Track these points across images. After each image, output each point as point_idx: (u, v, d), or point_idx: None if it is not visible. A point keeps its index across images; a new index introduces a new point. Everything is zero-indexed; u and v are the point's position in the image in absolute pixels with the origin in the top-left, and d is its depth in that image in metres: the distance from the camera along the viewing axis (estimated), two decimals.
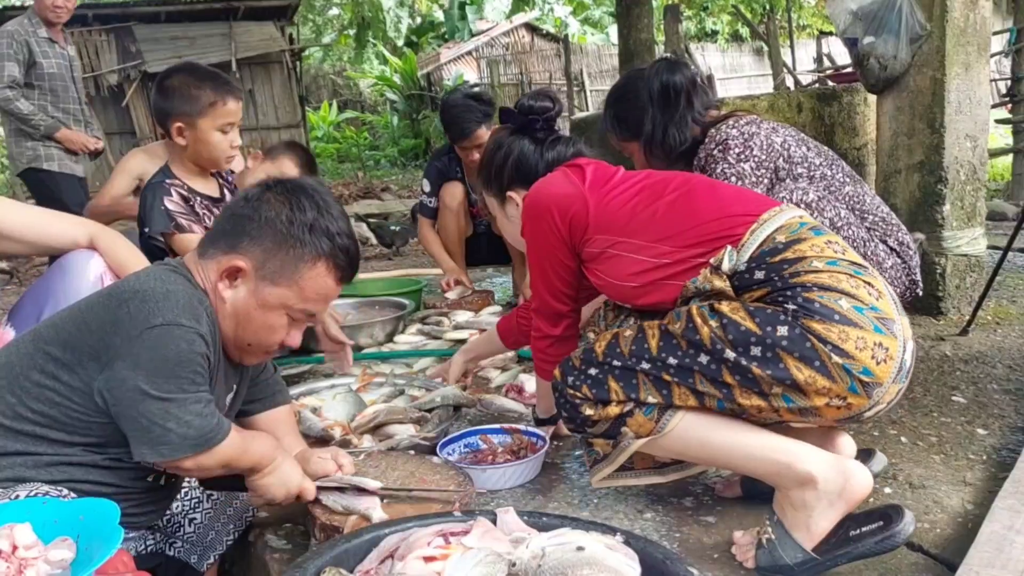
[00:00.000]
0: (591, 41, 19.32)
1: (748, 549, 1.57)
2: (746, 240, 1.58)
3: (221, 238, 1.55)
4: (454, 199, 3.99)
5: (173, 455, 1.40)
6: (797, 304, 1.47)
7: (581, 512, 1.81)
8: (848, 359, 1.43)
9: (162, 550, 1.65)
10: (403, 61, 17.90)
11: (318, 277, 1.54)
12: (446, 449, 2.06)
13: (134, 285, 1.47)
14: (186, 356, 1.39)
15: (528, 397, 2.60)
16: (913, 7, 2.94)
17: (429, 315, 3.71)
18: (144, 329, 1.37)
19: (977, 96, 3.10)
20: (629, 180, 1.83)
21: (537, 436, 2.10)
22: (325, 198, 1.58)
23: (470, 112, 3.77)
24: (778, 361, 1.46)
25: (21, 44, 4.40)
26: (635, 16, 7.26)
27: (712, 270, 1.57)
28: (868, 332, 1.44)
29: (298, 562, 1.32)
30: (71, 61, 4.68)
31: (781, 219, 1.61)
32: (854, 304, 1.46)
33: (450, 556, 1.26)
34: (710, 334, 1.51)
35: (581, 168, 1.89)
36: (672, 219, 1.68)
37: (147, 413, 1.37)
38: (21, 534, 1.09)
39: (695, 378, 1.53)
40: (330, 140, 17.54)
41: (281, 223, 1.52)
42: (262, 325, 1.55)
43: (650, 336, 1.59)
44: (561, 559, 1.22)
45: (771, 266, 1.54)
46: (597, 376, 1.63)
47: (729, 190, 1.78)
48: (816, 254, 1.53)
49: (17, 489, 1.34)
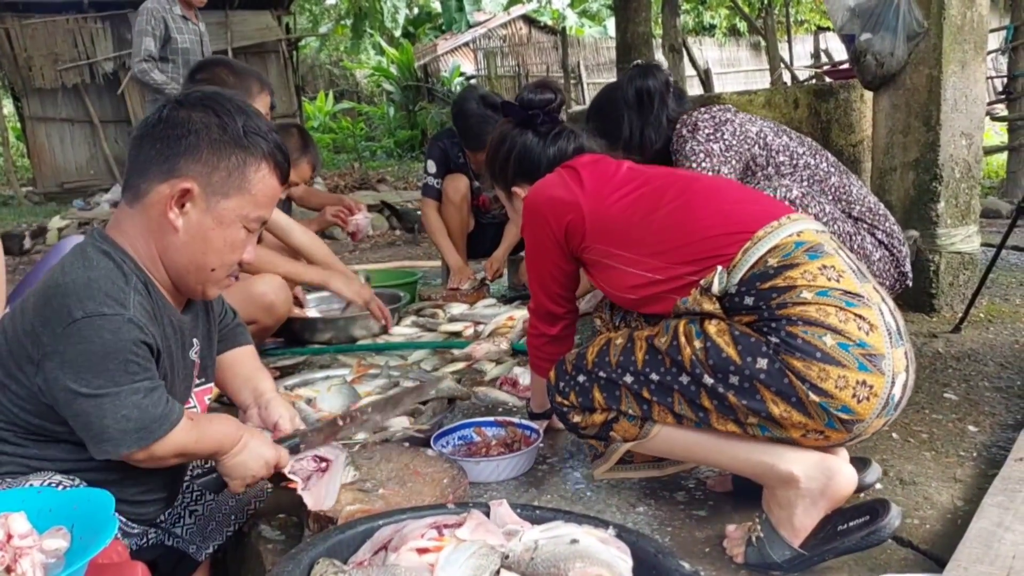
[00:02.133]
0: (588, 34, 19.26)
1: (738, 544, 1.57)
2: (738, 260, 1.54)
3: (151, 167, 1.45)
4: (457, 192, 3.98)
5: (117, 450, 1.35)
6: (780, 338, 1.44)
7: (574, 505, 1.82)
8: (826, 397, 1.41)
9: (161, 541, 1.64)
10: (400, 52, 17.84)
11: (265, 179, 1.49)
12: (440, 441, 2.07)
13: (57, 278, 1.40)
14: (112, 347, 1.33)
15: (522, 390, 2.60)
16: (911, 4, 2.94)
17: (424, 307, 3.72)
18: (66, 325, 1.32)
19: (973, 94, 3.11)
20: (629, 184, 1.79)
21: (530, 429, 2.10)
22: (240, 100, 1.53)
23: (488, 123, 3.76)
24: (755, 393, 1.45)
25: (159, 20, 4.69)
26: (633, 9, 7.25)
27: (702, 291, 1.54)
28: (851, 370, 1.40)
29: (292, 553, 1.32)
30: (202, 37, 4.95)
31: (776, 237, 1.54)
32: (839, 340, 1.41)
33: (443, 548, 1.27)
34: (691, 356, 1.50)
35: (579, 170, 1.86)
36: (667, 233, 1.65)
37: (81, 412, 1.33)
38: (16, 523, 1.09)
39: (674, 398, 1.53)
40: (326, 130, 17.48)
41: (214, 132, 1.44)
42: (224, 243, 1.48)
43: (637, 348, 1.59)
44: (554, 552, 1.23)
45: (760, 292, 1.49)
46: (584, 384, 1.65)
47: (729, 195, 1.71)
48: (807, 283, 1.47)
49: (30, 477, 1.35)
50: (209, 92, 1.52)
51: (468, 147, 3.91)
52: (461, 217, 4.06)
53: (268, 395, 1.77)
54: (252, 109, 1.52)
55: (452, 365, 2.92)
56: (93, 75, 11.28)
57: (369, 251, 6.34)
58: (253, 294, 2.71)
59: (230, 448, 1.52)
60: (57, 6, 11.42)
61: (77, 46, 11.25)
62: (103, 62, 11.29)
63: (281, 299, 2.81)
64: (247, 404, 1.77)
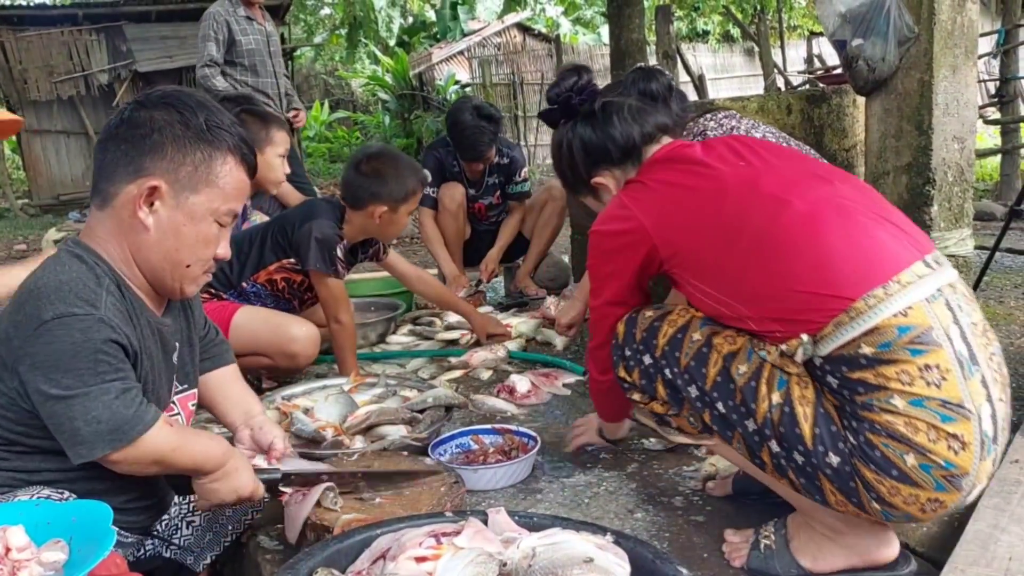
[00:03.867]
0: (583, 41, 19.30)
1: (739, 548, 1.57)
2: (827, 333, 1.34)
3: (118, 170, 1.45)
4: (453, 201, 3.99)
5: (92, 453, 1.34)
6: (858, 441, 1.32)
7: (572, 512, 1.82)
8: (889, 507, 1.33)
9: (159, 552, 1.64)
10: (395, 61, 17.85)
11: (232, 172, 1.50)
12: (438, 450, 2.07)
13: (31, 284, 1.40)
14: (82, 346, 1.32)
15: (519, 398, 2.61)
16: (901, 10, 2.96)
17: (421, 315, 3.72)
18: (36, 327, 1.32)
19: (964, 98, 3.12)
20: (704, 191, 1.54)
21: (528, 436, 2.10)
22: (201, 95, 1.53)
23: (483, 134, 3.81)
24: (816, 479, 1.37)
25: (221, 24, 4.71)
26: (626, 16, 7.26)
27: (782, 354, 1.39)
28: (926, 491, 1.30)
29: (290, 563, 1.32)
30: (268, 36, 4.93)
31: (877, 316, 1.30)
32: (923, 462, 1.28)
33: (441, 556, 1.27)
34: (766, 412, 1.39)
35: (646, 184, 1.64)
36: (752, 275, 1.43)
37: (53, 414, 1.33)
38: (14, 536, 1.09)
39: (735, 435, 1.46)
40: (322, 140, 17.49)
41: (176, 129, 1.45)
42: (196, 239, 1.49)
43: (711, 362, 1.46)
44: (552, 559, 1.23)
45: (846, 380, 1.33)
46: (649, 370, 1.56)
47: (828, 234, 1.39)
48: (901, 387, 1.28)
49: (17, 492, 1.35)
50: (169, 90, 1.53)
51: (464, 158, 3.93)
52: (457, 225, 4.07)
53: (259, 418, 1.78)
54: (213, 104, 1.53)
55: (449, 373, 2.92)
56: (88, 87, 11.30)
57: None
58: (281, 335, 2.63)
59: (212, 470, 1.50)
60: (52, 19, 11.46)
61: (72, 58, 11.26)
62: (98, 74, 11.29)
63: (308, 353, 2.69)
64: (236, 425, 1.78)
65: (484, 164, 3.98)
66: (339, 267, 2.76)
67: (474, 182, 4.07)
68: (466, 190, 4.05)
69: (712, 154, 1.60)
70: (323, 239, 2.70)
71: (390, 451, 2.01)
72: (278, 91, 4.95)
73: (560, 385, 2.73)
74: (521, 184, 4.12)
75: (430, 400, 2.32)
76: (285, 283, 2.87)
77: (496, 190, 4.13)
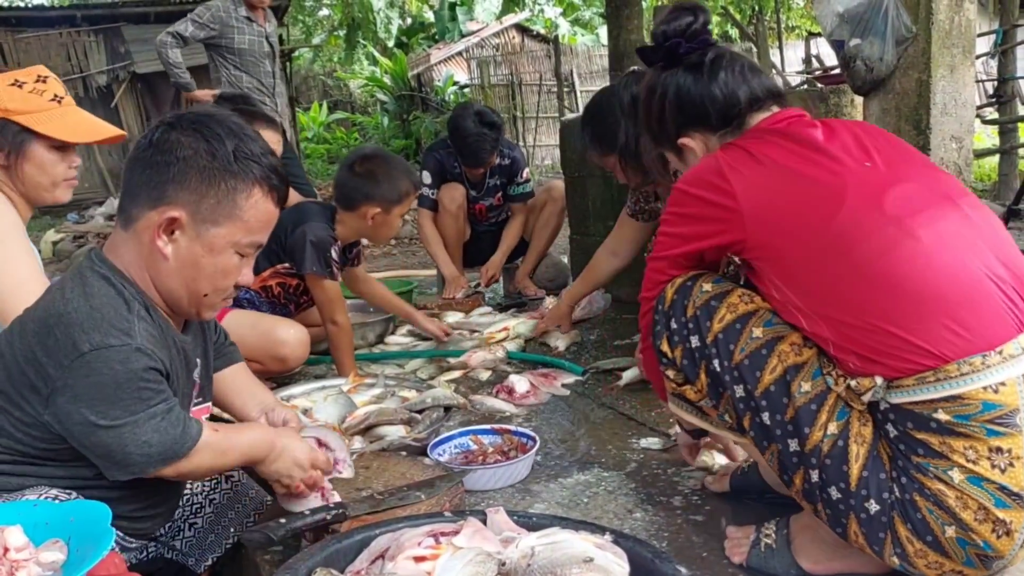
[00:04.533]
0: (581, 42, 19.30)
1: (740, 544, 1.56)
2: (906, 384, 1.25)
3: (141, 193, 1.43)
4: (453, 202, 3.99)
5: (145, 471, 1.37)
6: (903, 498, 1.26)
7: (570, 512, 1.82)
8: (908, 565, 1.28)
9: (161, 554, 1.64)
10: (393, 62, 17.87)
11: (258, 205, 1.46)
12: (437, 450, 2.07)
13: (58, 307, 1.38)
14: (124, 378, 1.32)
15: (518, 398, 2.61)
16: (899, 10, 2.96)
17: None
18: (75, 359, 1.31)
19: (962, 98, 3.13)
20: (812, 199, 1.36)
21: (527, 437, 2.10)
22: (236, 121, 1.48)
23: (485, 141, 3.81)
24: (843, 517, 1.31)
25: (214, 18, 4.69)
26: (625, 17, 7.27)
27: (848, 388, 1.30)
28: (954, 563, 1.25)
29: (289, 563, 1.32)
30: (267, 37, 4.91)
31: (967, 384, 1.21)
32: (961, 537, 1.23)
33: (440, 556, 1.27)
34: (818, 441, 1.30)
35: (752, 153, 1.44)
36: (844, 304, 1.30)
37: (101, 443, 1.34)
38: (12, 536, 1.09)
39: (771, 450, 1.38)
40: (320, 141, 17.50)
41: (203, 159, 1.41)
42: (215, 270, 1.46)
43: (768, 368, 1.35)
44: (551, 558, 1.23)
45: (906, 436, 1.26)
46: (694, 353, 1.45)
47: (953, 285, 1.26)
48: (964, 462, 1.21)
49: (26, 492, 1.35)
50: (202, 114, 1.49)
51: (466, 164, 3.94)
52: (458, 226, 4.07)
53: (272, 404, 1.81)
54: (246, 131, 1.48)
55: (448, 373, 2.92)
56: (87, 88, 11.30)
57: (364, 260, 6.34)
58: (270, 339, 2.63)
59: (263, 456, 1.53)
60: (50, 20, 11.46)
61: (70, 60, 11.27)
62: (96, 75, 11.31)
63: (297, 355, 2.69)
64: (254, 417, 1.79)
65: (486, 168, 3.99)
66: (334, 269, 2.76)
67: (475, 183, 4.07)
68: (467, 191, 4.05)
69: (835, 142, 1.42)
70: (318, 242, 2.70)
71: (389, 452, 2.01)
72: (267, 91, 4.93)
73: (559, 385, 2.73)
74: (523, 185, 4.12)
75: (429, 400, 2.32)
76: (280, 288, 2.87)
77: (497, 191, 4.13)
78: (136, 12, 11.39)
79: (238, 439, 1.52)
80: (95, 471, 1.41)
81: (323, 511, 1.55)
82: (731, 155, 1.46)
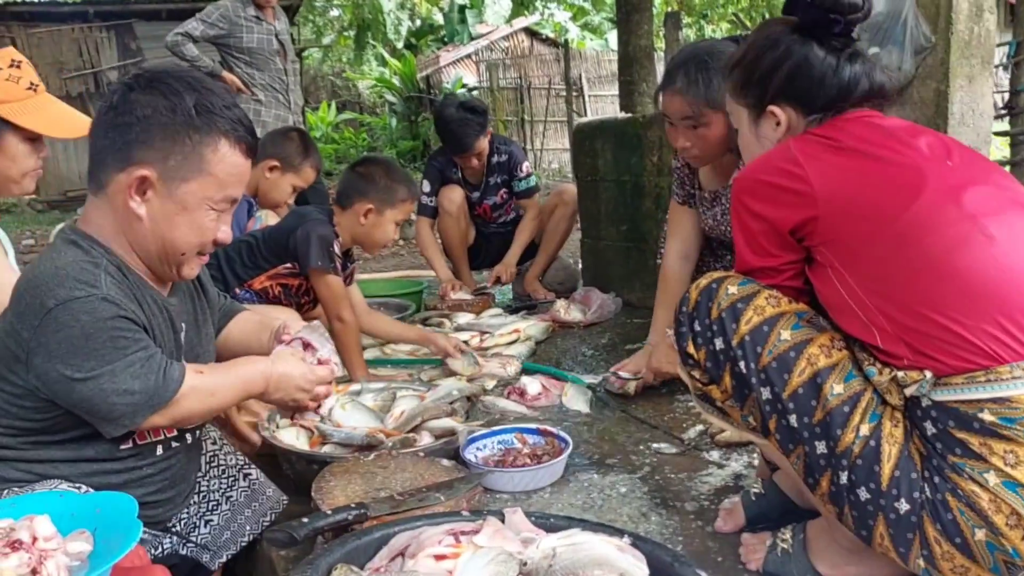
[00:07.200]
0: (590, 47, 19.33)
1: (756, 549, 1.57)
2: (955, 382, 1.23)
3: (108, 157, 1.43)
4: (452, 203, 4.00)
5: (135, 421, 1.37)
6: (935, 498, 1.24)
7: (585, 514, 1.82)
8: (933, 568, 1.26)
9: (177, 551, 1.64)
10: (402, 63, 17.90)
11: (225, 158, 1.45)
12: (475, 444, 2.07)
13: (29, 274, 1.40)
14: (92, 328, 1.32)
15: (530, 399, 2.61)
16: (918, 19, 2.96)
17: (430, 316, 3.72)
18: (42, 316, 1.31)
19: (980, 108, 3.13)
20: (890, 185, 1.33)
21: (560, 439, 2.10)
22: (194, 76, 1.47)
23: (468, 126, 3.82)
24: (870, 519, 1.29)
25: (223, 18, 4.72)
26: (635, 23, 7.28)
27: (892, 380, 1.29)
28: (980, 568, 1.23)
29: (309, 559, 1.33)
30: (278, 35, 4.91)
31: (1018, 388, 1.20)
32: (991, 541, 1.21)
33: (461, 555, 1.27)
34: (850, 443, 1.29)
35: (839, 140, 1.40)
36: (907, 294, 1.28)
37: (83, 398, 1.34)
38: (41, 525, 1.09)
39: (797, 452, 1.35)
40: (328, 141, 17.52)
41: (163, 115, 1.40)
42: (190, 227, 1.46)
43: (797, 371, 1.34)
44: (573, 559, 1.24)
45: (945, 435, 1.24)
46: (719, 355, 1.43)
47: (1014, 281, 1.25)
48: (1002, 466, 1.20)
49: (36, 487, 1.35)
50: (159, 71, 1.47)
51: (454, 152, 3.94)
52: (459, 228, 4.07)
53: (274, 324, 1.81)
54: (206, 84, 1.46)
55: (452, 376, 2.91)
56: (98, 84, 11.35)
57: (372, 260, 6.35)
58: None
59: (260, 389, 1.54)
60: (62, 15, 11.51)
61: (82, 55, 11.32)
62: (108, 71, 11.35)
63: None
64: (269, 350, 1.77)
65: (479, 159, 3.97)
66: (337, 265, 2.76)
67: (475, 184, 4.08)
68: (468, 193, 4.06)
69: (920, 137, 1.40)
70: (322, 236, 2.71)
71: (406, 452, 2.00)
72: (279, 88, 4.95)
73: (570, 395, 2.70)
74: (526, 179, 4.11)
75: (455, 392, 2.33)
76: (281, 288, 2.86)
77: (499, 189, 4.13)
78: (148, 9, 11.45)
79: (226, 377, 1.51)
80: (96, 449, 1.42)
81: (344, 511, 1.55)
82: (805, 142, 1.43)
